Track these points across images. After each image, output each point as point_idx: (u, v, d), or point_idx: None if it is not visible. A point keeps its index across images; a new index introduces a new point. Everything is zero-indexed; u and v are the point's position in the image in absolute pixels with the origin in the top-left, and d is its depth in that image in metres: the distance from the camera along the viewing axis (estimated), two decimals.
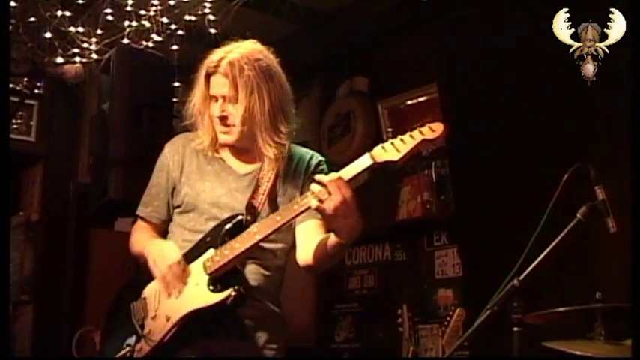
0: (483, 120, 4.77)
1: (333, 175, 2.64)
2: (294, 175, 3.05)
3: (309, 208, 2.68)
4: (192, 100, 3.05)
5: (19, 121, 6.60)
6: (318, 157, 3.14)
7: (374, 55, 6.59)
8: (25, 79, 6.08)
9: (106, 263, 6.53)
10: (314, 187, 2.64)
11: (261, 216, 2.92)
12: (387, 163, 2.67)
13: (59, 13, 5.22)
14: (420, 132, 2.67)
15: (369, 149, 2.67)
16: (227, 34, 5.22)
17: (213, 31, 5.24)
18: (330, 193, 2.60)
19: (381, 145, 2.67)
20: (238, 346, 2.92)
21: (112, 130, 4.64)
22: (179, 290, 2.87)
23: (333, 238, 2.75)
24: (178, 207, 3.08)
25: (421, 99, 6.17)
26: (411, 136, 2.67)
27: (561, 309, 2.94)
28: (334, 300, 6.69)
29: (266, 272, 2.99)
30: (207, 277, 2.84)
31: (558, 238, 2.48)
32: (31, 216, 6.98)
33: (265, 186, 2.97)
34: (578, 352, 2.83)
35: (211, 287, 2.83)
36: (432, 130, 2.68)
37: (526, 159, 4.44)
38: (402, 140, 2.66)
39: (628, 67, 3.02)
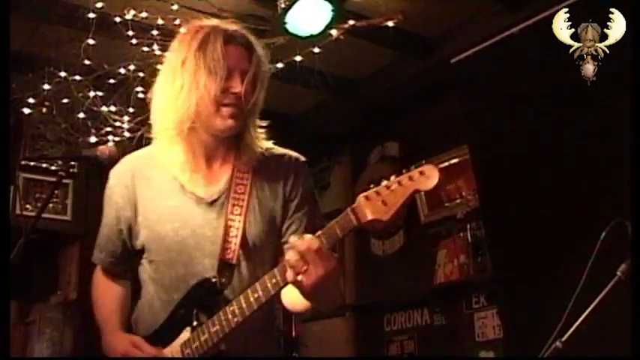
0: (516, 179, 4.75)
1: (313, 243, 2.17)
2: (271, 191, 2.56)
3: (287, 283, 2.24)
4: (176, 71, 2.47)
5: (54, 200, 6.66)
6: (297, 159, 2.65)
7: (403, 119, 6.63)
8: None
9: None
10: (290, 255, 2.17)
11: (236, 271, 2.47)
12: (373, 222, 2.19)
13: (91, 93, 5.31)
14: (411, 179, 2.18)
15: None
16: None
17: None
18: (307, 264, 2.16)
19: (364, 195, 2.19)
20: None
21: None
22: None
23: (311, 304, 2.39)
24: (142, 251, 2.57)
25: (454, 161, 6.17)
26: (400, 184, 2.18)
27: None
28: None
29: (254, 333, 2.50)
30: None
31: (600, 296, 2.45)
32: (69, 295, 7.01)
33: (237, 223, 2.47)
34: None
35: None
36: (426, 178, 2.18)
37: (561, 217, 4.41)
38: (389, 189, 2.18)
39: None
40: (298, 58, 5.02)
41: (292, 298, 2.44)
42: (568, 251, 4.11)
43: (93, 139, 5.41)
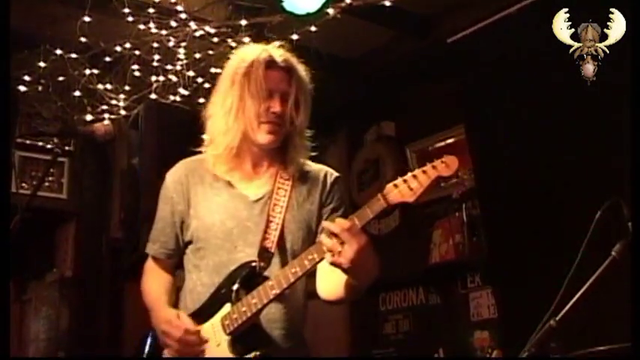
0: (512, 160, 4.76)
1: (344, 223, 2.49)
2: (308, 196, 2.92)
3: (322, 259, 2.55)
4: (227, 94, 2.85)
5: (50, 178, 6.66)
6: (333, 174, 3.01)
7: (400, 99, 6.62)
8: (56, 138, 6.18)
9: (141, 316, 6.53)
10: (325, 240, 2.51)
11: (274, 259, 2.79)
12: (401, 204, 2.53)
13: (87, 71, 5.29)
14: (434, 167, 2.54)
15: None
16: None
17: None
18: (342, 243, 2.47)
19: (393, 183, 2.53)
20: None
21: (142, 185, 4.67)
22: (196, 355, 2.74)
23: (350, 281, 2.66)
24: (190, 242, 2.91)
25: (449, 141, 6.18)
26: (424, 172, 2.53)
27: (600, 348, 2.90)
28: (370, 345, 6.65)
29: (288, 312, 2.82)
30: (227, 338, 2.71)
31: (594, 276, 2.46)
32: (65, 273, 7.02)
33: (278, 219, 2.81)
34: None
35: (232, 349, 2.70)
36: (447, 166, 2.54)
37: (557, 197, 4.42)
38: (414, 177, 2.52)
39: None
40: (295, 37, 5.00)
41: (327, 289, 2.81)
42: (563, 231, 4.12)
43: (89, 117, 5.40)
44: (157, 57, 5.23)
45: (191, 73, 5.25)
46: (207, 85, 5.30)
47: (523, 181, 4.67)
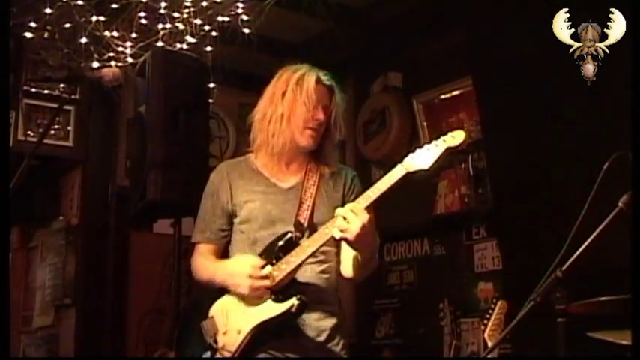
0: (520, 111, 4.74)
1: (348, 206, 3.02)
2: (334, 187, 3.41)
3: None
4: (278, 102, 3.32)
5: (56, 126, 6.65)
6: (352, 173, 3.53)
7: (407, 50, 6.58)
8: (62, 85, 6.15)
9: (146, 265, 6.57)
10: (337, 221, 3.01)
11: (307, 231, 3.25)
12: (419, 172, 3.06)
13: (94, 18, 5.25)
14: (444, 140, 3.05)
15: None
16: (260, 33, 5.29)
17: (246, 31, 5.25)
18: (348, 222, 2.96)
19: (410, 155, 3.05)
20: (306, 343, 3.22)
21: (149, 133, 4.67)
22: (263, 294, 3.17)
23: (357, 256, 3.21)
24: (234, 225, 3.41)
25: (456, 92, 6.15)
26: (436, 146, 3.04)
27: (604, 298, 2.92)
28: (374, 296, 6.68)
29: (324, 275, 3.33)
30: (268, 292, 3.16)
31: (600, 227, 2.46)
32: (71, 220, 7.03)
33: (308, 202, 3.30)
34: (624, 342, 2.81)
35: (274, 298, 3.14)
36: (454, 138, 3.06)
37: (564, 148, 4.41)
38: (428, 150, 3.03)
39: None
40: None
41: (346, 269, 3.35)
42: (570, 182, 4.12)
43: (95, 65, 5.38)
44: (163, 4, 5.20)
45: (198, 21, 5.22)
46: (214, 34, 5.29)
47: (530, 133, 4.66)
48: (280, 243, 3.20)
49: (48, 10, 5.18)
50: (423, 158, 3.04)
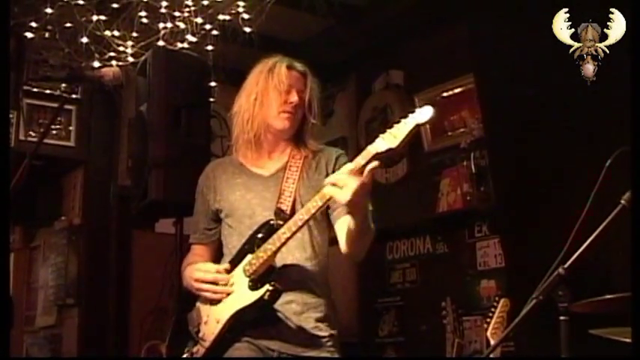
0: (522, 109, 4.73)
1: (339, 173, 2.99)
2: (317, 168, 3.41)
3: (325, 204, 3.07)
4: (252, 90, 3.41)
5: (58, 126, 6.65)
6: (338, 152, 3.50)
7: (409, 47, 6.58)
8: (63, 84, 6.15)
9: (148, 264, 6.57)
10: (328, 188, 2.98)
11: (289, 218, 3.22)
12: (387, 151, 2.94)
13: (95, 17, 5.25)
14: (413, 118, 2.95)
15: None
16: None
17: (247, 29, 5.25)
18: (341, 187, 2.92)
19: (380, 136, 2.96)
20: (286, 331, 3.23)
21: (150, 132, 4.66)
22: (227, 294, 3.25)
23: (350, 219, 3.11)
24: (222, 219, 3.46)
25: (458, 90, 6.15)
26: (405, 124, 2.95)
27: (608, 296, 2.90)
28: (377, 294, 6.69)
29: (308, 262, 3.31)
30: (247, 280, 3.21)
31: (603, 224, 2.45)
32: (73, 220, 7.04)
33: (291, 188, 3.33)
34: (628, 340, 2.79)
35: (251, 286, 3.18)
36: (422, 112, 2.96)
37: (566, 146, 4.40)
38: (397, 128, 2.95)
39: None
40: None
41: (343, 241, 3.23)
42: (572, 180, 4.11)
43: (96, 64, 5.37)
44: (164, 3, 5.19)
45: (199, 20, 5.21)
46: (215, 32, 5.28)
47: (532, 131, 4.64)
48: (262, 231, 3.24)
49: (49, 10, 5.18)
50: (391, 137, 2.95)
